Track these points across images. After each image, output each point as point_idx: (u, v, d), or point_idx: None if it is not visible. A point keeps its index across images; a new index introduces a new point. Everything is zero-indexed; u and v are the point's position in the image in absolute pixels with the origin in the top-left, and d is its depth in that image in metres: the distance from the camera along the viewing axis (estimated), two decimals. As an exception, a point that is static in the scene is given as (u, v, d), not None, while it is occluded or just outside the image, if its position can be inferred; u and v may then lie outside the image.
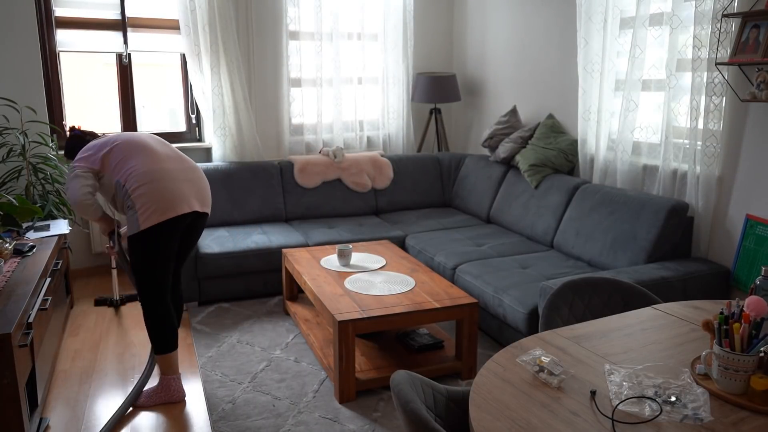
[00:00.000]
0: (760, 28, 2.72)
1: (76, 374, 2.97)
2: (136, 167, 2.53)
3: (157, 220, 2.49)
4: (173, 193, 2.54)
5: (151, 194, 2.49)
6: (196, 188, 2.66)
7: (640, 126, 3.48)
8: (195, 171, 2.72)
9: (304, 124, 4.77)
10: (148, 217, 2.48)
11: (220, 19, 4.23)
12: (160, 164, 2.58)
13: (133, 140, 2.65)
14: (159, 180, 2.53)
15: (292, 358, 3.12)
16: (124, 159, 2.57)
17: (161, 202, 2.50)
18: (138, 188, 2.50)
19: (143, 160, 2.57)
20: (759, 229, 2.89)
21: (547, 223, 3.73)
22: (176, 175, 2.60)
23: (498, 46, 4.67)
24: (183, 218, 2.57)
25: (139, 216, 2.48)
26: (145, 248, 2.55)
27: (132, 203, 2.50)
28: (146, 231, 2.50)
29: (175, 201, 2.53)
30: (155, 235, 2.53)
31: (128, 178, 2.52)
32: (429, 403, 1.54)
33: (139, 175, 2.52)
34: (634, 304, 2.10)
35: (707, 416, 1.34)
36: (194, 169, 2.73)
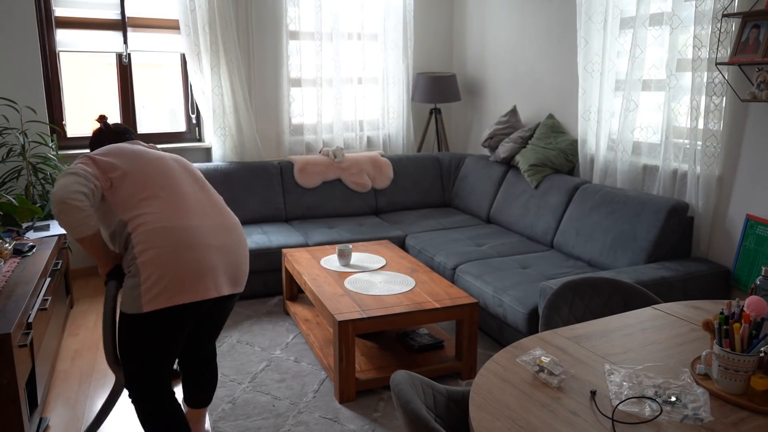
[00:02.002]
0: (760, 28, 2.72)
1: (76, 374, 2.97)
2: (150, 217, 1.85)
3: (167, 303, 1.81)
4: (195, 268, 1.85)
5: (165, 265, 1.81)
6: (230, 259, 1.96)
7: (640, 126, 3.48)
8: (232, 231, 1.99)
9: (304, 124, 4.77)
10: (154, 297, 1.80)
11: (220, 19, 4.23)
12: (186, 219, 1.89)
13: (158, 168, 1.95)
14: (180, 246, 1.83)
15: (292, 358, 3.12)
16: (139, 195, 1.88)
17: (177, 279, 1.82)
18: (147, 251, 1.81)
19: (164, 207, 1.87)
20: (759, 229, 2.89)
21: (547, 223, 3.73)
22: (205, 239, 1.90)
23: (498, 46, 4.67)
24: (202, 303, 1.90)
25: (143, 292, 1.80)
26: (140, 335, 1.86)
27: (135, 270, 1.82)
28: (147, 315, 1.82)
29: (197, 280, 1.85)
30: (159, 323, 1.85)
31: (137, 229, 1.84)
32: (429, 403, 1.54)
33: (153, 231, 1.83)
34: (634, 304, 2.10)
35: (707, 416, 1.34)
36: (232, 227, 2.00)
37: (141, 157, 1.97)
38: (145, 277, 1.80)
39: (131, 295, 1.84)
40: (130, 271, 1.85)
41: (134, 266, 1.83)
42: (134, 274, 1.83)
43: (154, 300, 1.81)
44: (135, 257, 1.82)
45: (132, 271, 1.84)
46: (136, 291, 1.82)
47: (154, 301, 1.81)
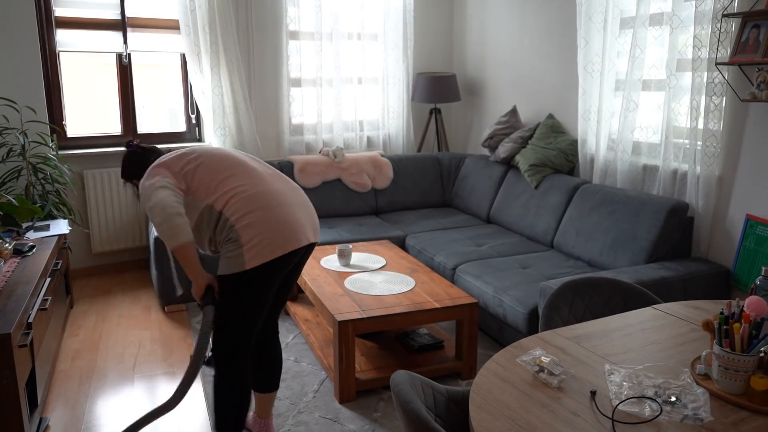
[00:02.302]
0: (760, 28, 2.72)
1: (76, 374, 2.97)
2: (238, 189, 2.05)
3: (270, 256, 2.01)
4: (288, 221, 2.06)
5: (263, 224, 2.01)
6: (308, 212, 2.19)
7: (640, 126, 3.48)
8: (301, 192, 2.24)
9: (304, 124, 4.77)
10: (258, 253, 1.99)
11: (220, 19, 4.23)
12: (266, 185, 2.11)
13: (223, 155, 2.16)
14: (271, 206, 2.05)
15: (292, 358, 3.12)
16: (217, 178, 2.08)
17: (275, 233, 2.02)
18: (245, 216, 2.01)
19: (245, 179, 2.09)
20: (759, 229, 2.89)
21: (547, 223, 3.73)
22: (287, 199, 2.12)
23: (498, 46, 4.67)
24: (296, 253, 2.09)
25: (245, 252, 1.99)
26: (244, 293, 2.06)
27: (236, 235, 2.00)
28: (251, 271, 2.01)
29: (292, 232, 2.06)
30: (261, 277, 2.04)
31: (228, 203, 2.03)
32: (429, 403, 1.54)
33: (246, 199, 2.04)
34: (634, 304, 2.10)
35: (707, 416, 1.34)
36: (299, 189, 2.24)
37: (197, 148, 2.18)
38: (247, 239, 1.99)
39: (231, 257, 2.01)
40: (229, 239, 2.02)
41: (234, 233, 2.01)
42: (234, 239, 2.01)
43: (258, 256, 1.99)
44: (233, 225, 2.01)
45: (232, 237, 2.01)
46: (237, 251, 2.00)
47: (257, 257, 1.99)
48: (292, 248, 2.05)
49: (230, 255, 2.02)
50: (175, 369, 3.02)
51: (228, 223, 2.02)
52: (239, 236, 2.00)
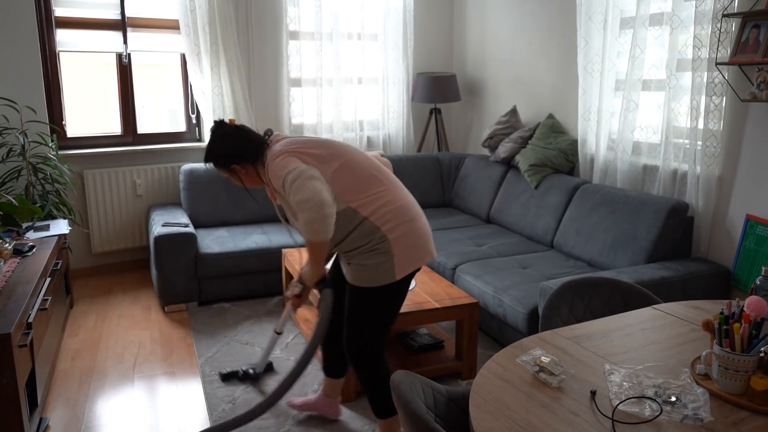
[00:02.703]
0: (760, 28, 2.72)
1: (76, 374, 2.97)
2: (387, 199, 2.05)
3: (413, 267, 2.06)
4: (427, 234, 2.12)
5: (412, 236, 2.05)
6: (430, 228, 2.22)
7: (640, 126, 3.48)
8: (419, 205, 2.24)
9: (304, 124, 4.77)
10: (406, 265, 2.04)
11: (220, 19, 4.23)
12: (407, 197, 2.12)
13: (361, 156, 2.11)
14: (416, 218, 2.08)
15: (292, 358, 3.12)
16: (363, 183, 2.04)
17: (420, 245, 2.08)
18: (397, 227, 2.02)
19: (390, 189, 2.08)
20: (759, 229, 2.89)
21: (547, 223, 3.73)
22: (419, 211, 2.15)
23: (498, 46, 4.67)
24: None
25: (396, 263, 2.02)
26: (389, 302, 2.11)
27: (387, 246, 2.01)
28: (399, 281, 2.06)
29: (428, 244, 2.12)
30: (403, 287, 2.10)
31: (378, 211, 2.02)
32: (429, 403, 1.54)
33: (396, 210, 2.04)
34: (634, 304, 2.10)
35: (707, 416, 1.34)
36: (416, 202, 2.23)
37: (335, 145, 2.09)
38: (398, 250, 2.02)
39: (379, 267, 2.02)
40: (377, 249, 2.02)
41: (386, 243, 2.01)
42: (384, 251, 2.02)
43: (405, 267, 2.04)
44: (385, 236, 2.01)
45: (382, 248, 2.02)
46: (387, 264, 2.02)
47: (405, 268, 2.04)
48: (430, 259, 2.12)
49: (378, 266, 2.02)
50: (175, 369, 3.02)
51: (378, 232, 2.01)
52: (391, 247, 2.01)
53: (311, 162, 1.98)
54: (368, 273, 2.04)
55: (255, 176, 2.16)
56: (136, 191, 4.36)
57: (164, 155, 4.46)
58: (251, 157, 2.11)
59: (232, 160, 2.12)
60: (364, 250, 2.03)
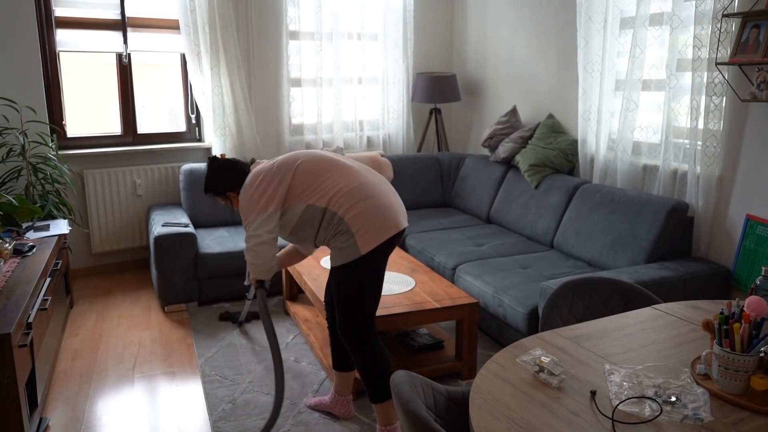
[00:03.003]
0: (760, 28, 2.72)
1: (76, 374, 2.97)
2: (339, 186, 2.23)
3: (379, 240, 2.20)
4: (388, 208, 2.25)
5: (369, 212, 2.20)
6: (399, 199, 2.37)
7: (640, 126, 3.48)
8: (387, 181, 2.41)
9: (304, 124, 4.76)
10: (369, 240, 2.18)
11: (220, 19, 4.23)
12: (362, 178, 2.28)
13: (314, 157, 2.32)
14: (372, 196, 2.23)
15: (292, 358, 3.12)
16: (316, 180, 2.26)
17: (381, 218, 2.21)
18: (352, 207, 2.19)
19: (341, 176, 2.26)
20: (759, 229, 2.89)
21: (547, 223, 3.73)
22: (381, 188, 2.30)
23: (498, 46, 4.67)
24: (398, 236, 2.28)
25: (358, 239, 2.18)
26: (362, 277, 2.24)
27: (346, 226, 2.19)
28: (366, 256, 2.20)
29: (392, 216, 2.25)
30: (374, 260, 2.23)
31: (332, 199, 2.22)
32: (429, 403, 1.54)
33: (349, 192, 2.22)
34: (634, 304, 2.10)
35: (707, 416, 1.34)
36: (384, 179, 2.41)
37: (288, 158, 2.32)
38: (357, 228, 2.18)
39: (345, 246, 2.20)
40: (339, 231, 2.21)
41: (344, 224, 2.19)
42: (345, 231, 2.20)
43: (370, 242, 2.18)
44: (341, 218, 2.20)
45: (342, 229, 2.20)
46: (350, 241, 2.19)
47: (370, 243, 2.18)
48: (397, 231, 2.24)
49: (344, 246, 2.20)
50: (175, 369, 3.02)
51: (336, 217, 2.20)
52: (349, 227, 2.18)
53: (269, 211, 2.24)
54: (338, 253, 2.23)
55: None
56: (136, 191, 4.36)
57: (164, 155, 4.46)
58: (239, 183, 2.40)
59: (227, 187, 2.42)
60: (331, 234, 2.24)
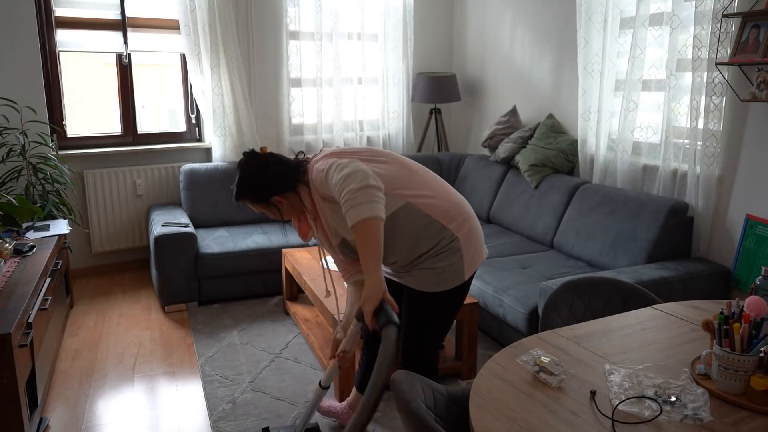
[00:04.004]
0: (760, 28, 2.72)
1: (76, 374, 2.97)
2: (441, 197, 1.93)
3: (477, 265, 1.98)
4: (481, 231, 2.04)
5: (475, 234, 1.96)
6: None
7: (640, 126, 3.48)
8: None
9: (304, 124, 4.77)
10: (473, 263, 1.95)
11: (220, 19, 4.23)
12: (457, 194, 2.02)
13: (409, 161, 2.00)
14: (473, 216, 2.00)
15: (292, 358, 3.12)
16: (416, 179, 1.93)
17: (481, 243, 2.00)
18: (462, 225, 1.92)
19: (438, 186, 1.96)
20: (759, 229, 2.89)
21: (547, 223, 3.73)
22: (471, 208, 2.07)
23: (498, 46, 4.67)
24: None
25: (465, 262, 1.92)
26: (456, 304, 2.01)
27: (458, 246, 1.90)
28: (467, 282, 1.97)
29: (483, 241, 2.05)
30: (468, 286, 2.01)
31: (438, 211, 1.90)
32: (429, 403, 1.54)
33: (456, 207, 1.94)
34: (634, 304, 2.10)
35: (707, 416, 1.34)
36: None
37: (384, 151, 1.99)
38: (467, 249, 1.92)
39: (447, 269, 1.90)
40: (448, 249, 1.89)
41: (456, 242, 1.90)
42: (456, 250, 1.90)
43: (472, 266, 1.95)
44: (454, 234, 1.89)
45: (453, 248, 1.90)
46: (457, 264, 1.91)
47: (471, 268, 1.95)
48: (486, 256, 2.05)
49: (446, 268, 1.89)
50: (175, 369, 3.02)
51: (447, 232, 1.88)
52: (460, 246, 1.90)
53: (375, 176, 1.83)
54: (439, 276, 1.90)
55: (297, 202, 1.96)
56: (136, 191, 4.36)
57: (164, 155, 4.46)
58: (292, 183, 1.92)
59: (273, 191, 1.92)
60: (434, 252, 1.89)
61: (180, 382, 2.89)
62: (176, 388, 2.84)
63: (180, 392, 2.80)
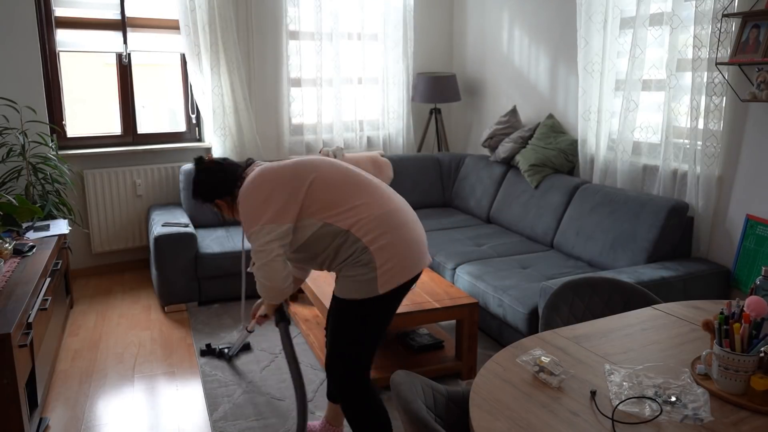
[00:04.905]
0: (760, 28, 2.72)
1: (76, 374, 2.97)
2: (367, 208, 1.93)
3: (401, 280, 1.92)
4: (416, 243, 1.97)
5: (397, 246, 1.91)
6: (422, 231, 2.07)
7: (640, 126, 3.48)
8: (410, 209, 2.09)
9: (304, 124, 4.77)
10: (391, 278, 1.90)
11: (220, 19, 4.23)
12: (391, 203, 1.98)
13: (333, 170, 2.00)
14: (402, 226, 1.94)
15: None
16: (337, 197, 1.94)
17: (407, 256, 1.93)
18: (379, 237, 1.90)
19: (369, 197, 1.97)
20: (759, 229, 2.89)
21: (547, 223, 3.73)
22: (406, 217, 2.00)
23: (498, 46, 4.67)
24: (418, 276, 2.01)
25: (379, 276, 1.89)
26: (370, 318, 1.95)
27: (369, 258, 1.89)
28: (383, 296, 1.92)
29: (419, 254, 1.97)
30: (388, 302, 1.95)
31: (358, 222, 1.91)
32: (429, 403, 1.54)
33: (378, 218, 1.92)
34: (634, 304, 2.10)
35: (707, 416, 1.34)
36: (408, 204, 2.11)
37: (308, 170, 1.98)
38: (381, 262, 1.89)
39: (361, 279, 1.91)
40: (359, 261, 1.91)
41: (366, 255, 1.90)
42: (367, 263, 1.90)
43: (390, 280, 1.91)
44: (366, 247, 1.89)
45: (363, 260, 1.90)
46: (369, 276, 1.90)
47: (390, 282, 1.91)
48: (419, 270, 1.98)
49: (360, 279, 1.90)
50: (175, 369, 3.02)
51: (359, 244, 1.89)
52: (373, 259, 1.89)
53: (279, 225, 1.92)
54: (350, 284, 1.93)
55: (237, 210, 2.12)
56: (136, 191, 4.36)
57: (164, 155, 4.46)
58: (229, 189, 2.10)
59: (214, 195, 2.13)
60: (349, 262, 1.93)
61: (180, 382, 2.89)
62: (176, 388, 2.84)
63: (180, 392, 2.80)
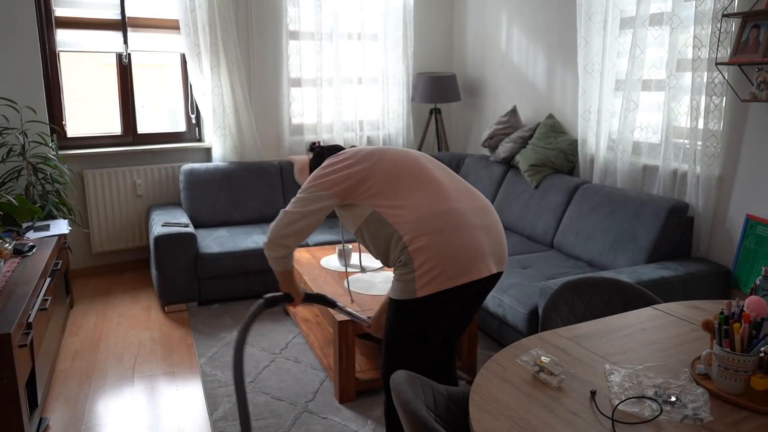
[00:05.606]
0: (760, 28, 2.72)
1: (76, 374, 2.97)
2: (416, 204, 1.86)
3: (442, 287, 1.82)
4: (468, 249, 1.84)
5: (438, 250, 1.81)
6: (493, 238, 1.93)
7: (640, 126, 3.48)
8: (489, 211, 1.97)
9: (304, 124, 4.77)
10: (429, 282, 1.81)
11: (220, 19, 4.23)
12: (446, 203, 1.88)
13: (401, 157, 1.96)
14: (450, 229, 1.83)
15: (292, 358, 3.12)
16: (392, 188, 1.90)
17: (451, 262, 1.82)
18: (418, 238, 1.81)
19: (425, 192, 1.89)
20: (759, 229, 2.89)
21: (547, 223, 3.73)
22: (470, 220, 1.88)
23: (498, 46, 4.67)
24: (474, 284, 1.88)
25: (417, 278, 1.82)
26: (413, 321, 1.88)
27: (408, 259, 1.83)
28: (422, 300, 1.84)
29: (470, 261, 1.84)
30: (431, 307, 1.86)
31: (401, 221, 1.85)
32: (429, 403, 1.54)
33: (422, 218, 1.84)
34: (634, 304, 2.10)
35: (707, 416, 1.34)
36: (488, 208, 1.98)
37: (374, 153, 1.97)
38: (418, 264, 1.82)
39: (403, 280, 1.85)
40: (401, 260, 1.86)
41: (405, 254, 1.83)
42: (406, 262, 1.84)
43: (429, 284, 1.82)
44: (405, 246, 1.83)
45: (403, 259, 1.84)
46: (408, 277, 1.84)
47: (429, 286, 1.82)
48: (470, 279, 1.83)
49: (402, 279, 1.85)
50: (175, 369, 3.02)
51: (400, 242, 1.84)
52: (411, 259, 1.82)
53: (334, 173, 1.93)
54: (395, 283, 1.90)
55: None
56: (136, 191, 4.36)
57: (164, 155, 4.46)
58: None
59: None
60: (396, 259, 1.89)
61: (180, 382, 2.89)
62: (176, 388, 2.84)
63: (180, 392, 2.80)
